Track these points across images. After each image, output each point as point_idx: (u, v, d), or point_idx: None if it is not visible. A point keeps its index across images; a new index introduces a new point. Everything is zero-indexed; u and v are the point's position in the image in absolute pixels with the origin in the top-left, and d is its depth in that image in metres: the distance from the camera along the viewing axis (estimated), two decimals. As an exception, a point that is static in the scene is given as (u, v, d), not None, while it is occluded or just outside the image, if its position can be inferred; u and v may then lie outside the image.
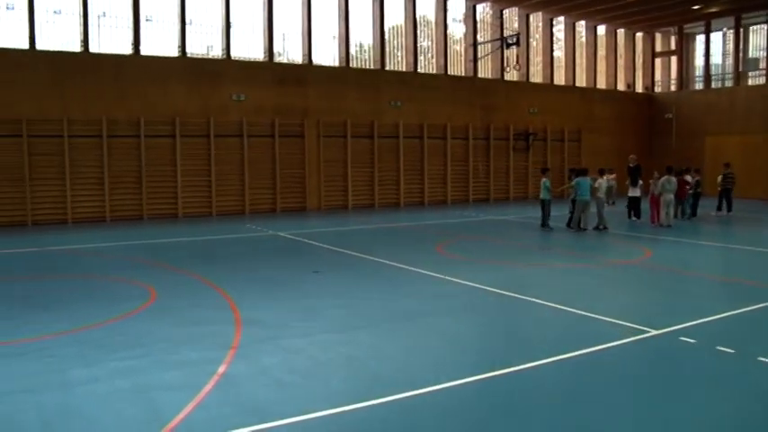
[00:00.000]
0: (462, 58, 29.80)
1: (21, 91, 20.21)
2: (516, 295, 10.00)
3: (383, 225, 20.33)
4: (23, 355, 7.17)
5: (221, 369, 6.59)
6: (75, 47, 21.59)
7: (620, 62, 34.88)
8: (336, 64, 26.20)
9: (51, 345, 7.58)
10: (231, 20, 23.55)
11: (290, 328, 8.25)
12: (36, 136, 20.42)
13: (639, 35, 35.27)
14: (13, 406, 5.79)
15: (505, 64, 29.83)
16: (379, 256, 13.66)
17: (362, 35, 27.26)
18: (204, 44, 24.08)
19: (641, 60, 35.74)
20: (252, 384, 6.23)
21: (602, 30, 33.73)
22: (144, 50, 22.32)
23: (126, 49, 22.18)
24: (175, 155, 22.32)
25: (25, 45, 20.66)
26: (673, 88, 35.64)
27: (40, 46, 20.84)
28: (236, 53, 23.99)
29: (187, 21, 22.94)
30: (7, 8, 20.72)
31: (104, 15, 22.05)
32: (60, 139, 20.71)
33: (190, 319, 8.69)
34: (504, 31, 29.57)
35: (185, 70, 22.72)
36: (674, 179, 18.73)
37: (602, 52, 34.04)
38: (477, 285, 10.71)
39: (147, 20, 22.56)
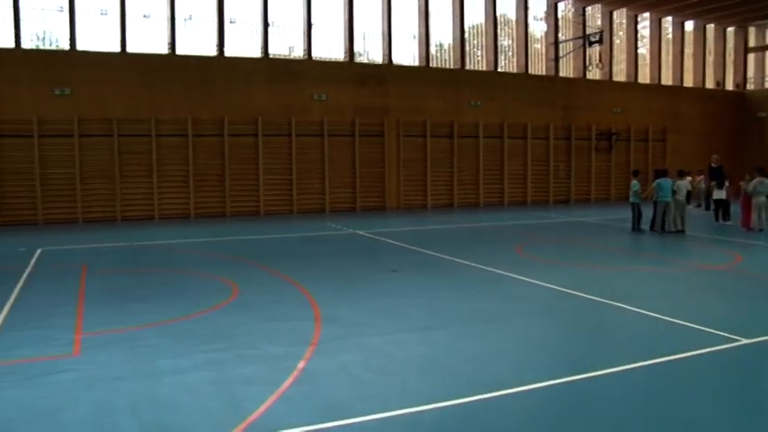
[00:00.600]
0: (543, 57, 29.43)
1: (112, 92, 21.08)
2: (598, 299, 9.81)
3: (462, 225, 20.27)
4: (117, 344, 7.49)
5: (301, 364, 6.71)
6: (163, 49, 22.33)
7: (709, 59, 33.71)
8: (416, 63, 26.26)
9: (142, 335, 7.89)
10: (312, 21, 23.90)
11: (369, 325, 8.33)
12: (126, 135, 21.27)
13: (731, 30, 34.02)
14: (106, 391, 6.06)
15: (588, 62, 29.29)
16: (458, 256, 13.63)
17: (442, 34, 27.26)
18: (286, 45, 24.54)
19: (732, 56, 34.45)
20: (330, 380, 6.33)
21: (689, 26, 32.69)
22: (228, 52, 22.91)
23: (211, 50, 22.80)
24: (258, 154, 22.81)
25: (117, 48, 21.53)
26: (767, 86, 34.24)
27: (130, 49, 21.67)
28: (318, 53, 24.33)
29: (269, 22, 23.41)
30: (101, 13, 21.61)
31: (190, 18, 22.72)
32: (148, 139, 21.48)
33: (271, 314, 8.88)
34: (587, 28, 29.03)
35: (268, 71, 23.18)
36: (767, 181, 17.94)
37: (689, 49, 32.97)
38: (556, 287, 10.56)
39: (230, 22, 23.14)
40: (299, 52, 24.37)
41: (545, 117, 27.92)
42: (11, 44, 20.59)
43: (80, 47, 21.27)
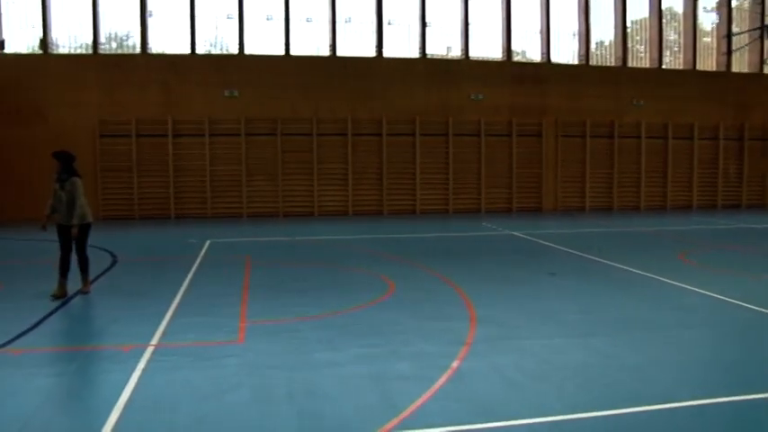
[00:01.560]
0: (713, 52, 27.72)
1: (276, 93, 22.05)
2: (773, 310, 9.11)
3: (622, 229, 19.51)
4: (277, 334, 7.81)
5: (454, 364, 6.69)
6: (325, 51, 23.06)
7: None
8: (575, 62, 25.55)
9: (301, 327, 8.17)
10: (469, 20, 23.83)
11: (524, 329, 8.18)
12: (288, 134, 22.16)
13: None
14: (265, 379, 6.32)
15: (765, 56, 27.28)
16: (617, 260, 13.11)
17: (603, 31, 26.34)
18: (443, 45, 24.62)
19: None
20: (484, 382, 6.27)
21: None
22: (386, 53, 23.30)
23: (370, 52, 23.28)
24: (415, 153, 23.05)
25: (281, 51, 22.49)
26: None
27: (293, 52, 22.58)
28: (475, 53, 24.24)
29: (427, 23, 23.58)
30: (267, 19, 22.63)
31: (350, 21, 23.30)
32: (309, 138, 22.27)
33: (426, 312, 8.92)
34: (765, 19, 27.04)
35: (425, 71, 23.37)
36: None
37: None
38: (725, 299, 9.89)
39: (388, 23, 23.51)
40: (456, 52, 24.39)
41: (714, 116, 26.30)
42: (186, 50, 22.07)
43: (248, 51, 22.43)
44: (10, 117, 21.12)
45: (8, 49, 21.88)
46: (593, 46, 25.91)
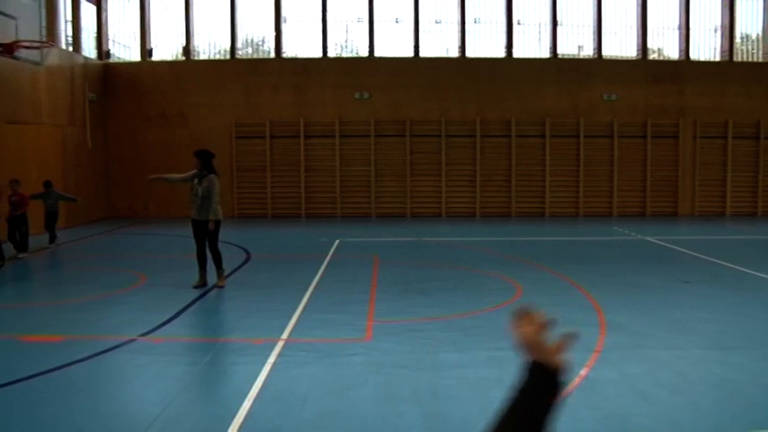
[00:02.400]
0: None
1: (406, 95, 22.25)
2: None
3: (766, 236, 18.36)
4: (404, 334, 7.89)
5: (583, 371, 6.52)
6: (453, 53, 23.05)
7: None
8: (717, 58, 24.26)
9: (428, 327, 8.22)
10: (603, 18, 23.12)
11: (657, 338, 7.86)
12: (417, 136, 22.30)
13: None
14: (390, 378, 6.40)
15: None
16: (760, 270, 12.32)
17: (749, 24, 24.79)
18: (575, 44, 24.01)
19: None
20: (614, 392, 6.07)
21: None
22: (516, 53, 23.01)
23: (499, 52, 23.07)
24: (544, 155, 22.63)
25: (410, 53, 22.68)
26: None
27: (422, 54, 22.72)
28: (608, 52, 23.51)
29: (558, 22, 23.09)
30: (396, 22, 22.88)
31: (478, 21, 23.16)
32: (438, 139, 22.32)
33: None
34: None
35: (556, 71, 22.89)
36: None
37: None
38: None
39: (518, 23, 23.19)
40: (588, 51, 23.75)
41: None
42: (318, 54, 22.68)
43: (377, 53, 22.77)
44: (155, 119, 22.52)
45: (155, 57, 23.27)
46: (737, 40, 24.50)
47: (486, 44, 23.25)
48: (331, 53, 22.98)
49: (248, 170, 22.56)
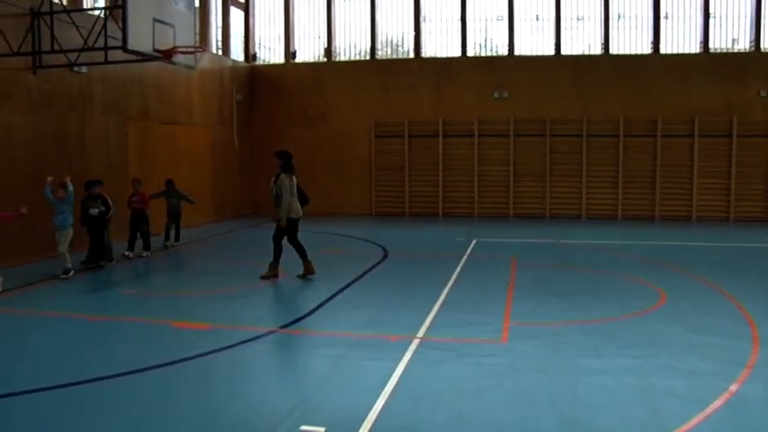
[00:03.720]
0: None
1: (546, 94, 21.81)
2: None
3: None
4: (541, 337, 7.74)
5: (733, 387, 6.13)
6: (596, 50, 22.34)
7: None
8: None
9: (566, 331, 8.03)
10: (762, 7, 21.62)
11: (818, 353, 7.29)
12: (557, 135, 21.81)
13: None
14: (527, 381, 6.30)
15: None
16: None
17: None
18: (728, 37, 22.65)
19: None
20: (766, 411, 5.69)
21: None
22: (663, 48, 22.01)
23: (644, 48, 22.15)
24: (692, 155, 21.51)
25: (551, 51, 22.21)
26: None
27: (564, 51, 22.18)
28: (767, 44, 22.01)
29: (710, 14, 21.86)
30: (536, 19, 22.48)
31: (622, 17, 22.32)
32: (579, 139, 21.73)
33: (700, 327, 8.29)
34: None
35: (707, 66, 21.67)
36: None
37: None
38: None
39: (665, 17, 22.16)
40: (743, 45, 22.33)
41: None
42: (457, 53, 22.66)
43: (517, 52, 22.45)
44: (298, 119, 23.29)
45: (298, 59, 24.05)
46: None
47: (630, 40, 22.38)
48: (470, 52, 22.88)
49: (386, 169, 22.86)
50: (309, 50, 24.24)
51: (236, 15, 23.48)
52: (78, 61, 13.72)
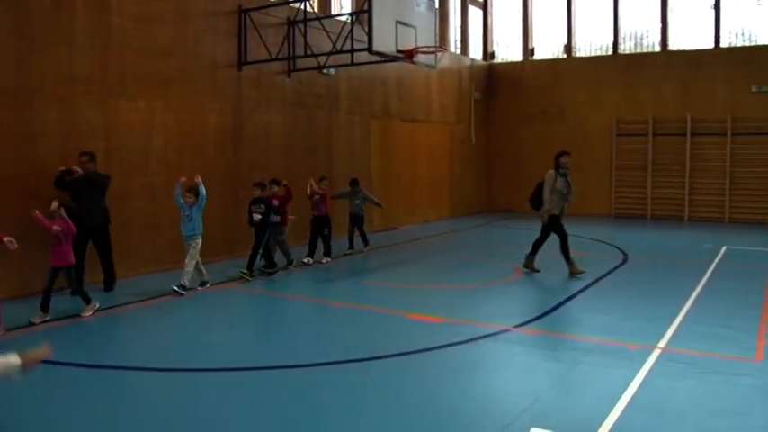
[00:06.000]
0: None
1: None
2: None
3: None
4: None
5: None
6: None
7: None
8: None
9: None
10: None
11: None
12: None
13: None
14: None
15: None
16: None
17: None
18: None
19: None
20: None
21: None
22: None
23: None
24: None
25: None
26: None
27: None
28: None
29: None
30: (757, 4, 20.41)
31: None
32: None
33: None
34: None
35: None
36: None
37: None
38: None
39: None
40: None
41: None
42: (709, 45, 21.01)
43: (780, 41, 20.40)
44: (535, 117, 23.04)
45: (536, 56, 23.74)
46: None
47: None
48: (724, 43, 21.13)
49: (628, 169, 21.85)
50: (548, 47, 23.83)
51: (475, 14, 23.71)
52: (327, 64, 14.66)
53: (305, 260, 12.74)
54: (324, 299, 10.41)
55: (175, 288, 9.94)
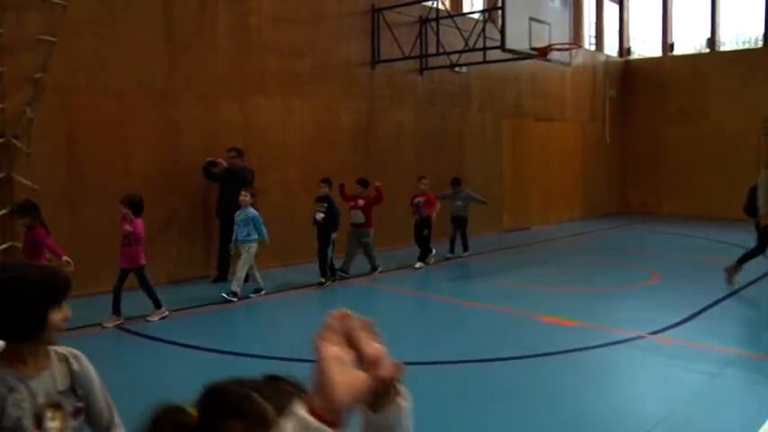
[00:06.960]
0: None
1: None
2: None
3: None
4: None
5: None
6: None
7: None
8: None
9: None
10: None
11: None
12: None
13: None
14: None
15: None
16: None
17: None
18: None
19: None
20: None
21: None
22: None
23: None
24: None
25: None
26: None
27: None
28: None
29: None
30: None
31: None
32: None
33: None
34: None
35: None
36: None
37: None
38: None
39: None
40: None
41: None
42: None
43: None
44: (675, 115, 22.01)
45: (676, 51, 22.72)
46: None
47: None
48: None
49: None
50: (689, 42, 22.77)
51: (610, 9, 22.97)
52: (459, 62, 14.65)
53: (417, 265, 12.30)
54: (456, 297, 10.43)
55: (225, 295, 9.23)
